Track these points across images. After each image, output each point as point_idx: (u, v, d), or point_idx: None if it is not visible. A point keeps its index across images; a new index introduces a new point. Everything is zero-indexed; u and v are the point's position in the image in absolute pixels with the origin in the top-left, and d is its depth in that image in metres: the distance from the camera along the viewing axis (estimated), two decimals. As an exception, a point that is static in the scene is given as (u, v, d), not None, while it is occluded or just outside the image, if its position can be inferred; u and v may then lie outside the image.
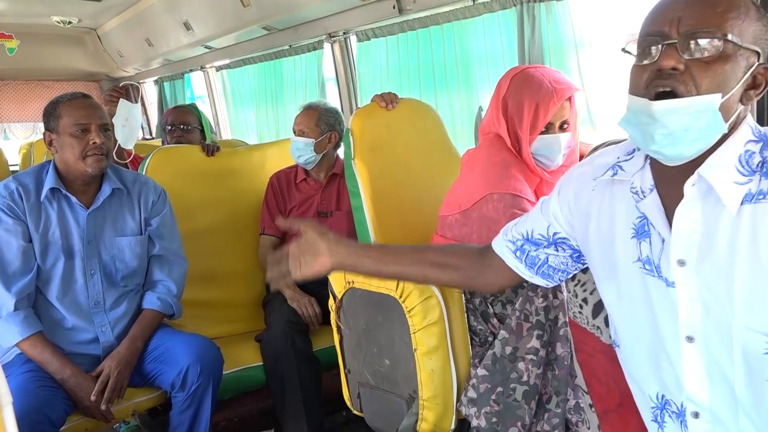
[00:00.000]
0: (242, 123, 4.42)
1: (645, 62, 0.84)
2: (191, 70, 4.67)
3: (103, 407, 1.75)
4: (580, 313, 1.36)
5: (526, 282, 1.23)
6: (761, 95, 0.85)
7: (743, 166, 0.84)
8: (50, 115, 1.86)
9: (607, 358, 1.27)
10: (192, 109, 2.99)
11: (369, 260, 1.23)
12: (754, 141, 0.86)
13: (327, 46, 3.17)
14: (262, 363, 2.16)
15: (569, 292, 1.42)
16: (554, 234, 1.12)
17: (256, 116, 4.22)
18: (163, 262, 2.04)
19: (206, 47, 3.99)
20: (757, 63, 0.83)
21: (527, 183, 1.62)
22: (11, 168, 4.42)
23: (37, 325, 1.77)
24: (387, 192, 1.93)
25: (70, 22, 4.43)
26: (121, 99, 2.50)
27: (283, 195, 2.53)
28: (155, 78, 5.28)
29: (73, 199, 1.87)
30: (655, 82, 0.83)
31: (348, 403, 1.87)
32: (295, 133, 2.47)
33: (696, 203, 0.87)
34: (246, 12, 3.14)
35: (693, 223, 0.88)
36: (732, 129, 0.86)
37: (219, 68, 4.39)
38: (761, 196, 0.83)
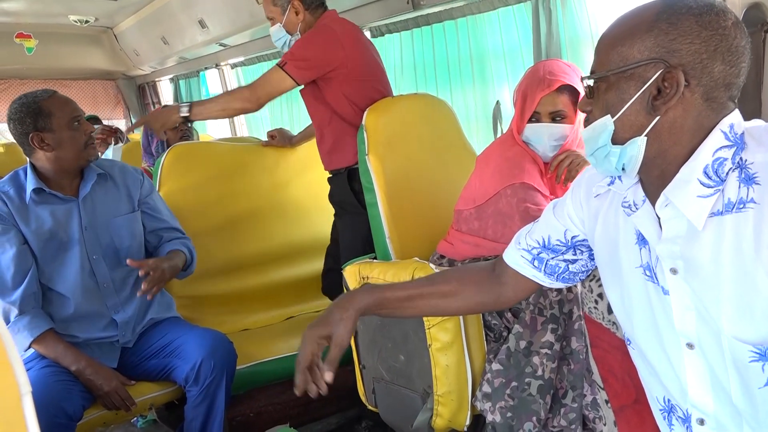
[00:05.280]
0: (258, 119, 4.44)
1: None
2: (206, 68, 4.70)
3: (144, 288, 1.79)
4: (595, 308, 1.35)
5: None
6: (671, 100, 0.83)
7: (709, 177, 0.83)
8: (37, 114, 1.79)
9: (622, 354, 1.26)
10: None
11: (385, 311, 1.19)
12: (727, 146, 0.83)
13: (341, 42, 3.16)
14: (276, 357, 2.17)
15: (584, 288, 1.41)
16: (572, 238, 1.10)
17: (270, 112, 4.24)
18: (173, 232, 2.08)
19: (221, 45, 4.01)
20: (658, 72, 0.83)
21: (541, 177, 1.61)
22: None
23: (44, 324, 1.78)
24: (401, 187, 1.93)
25: (87, 21, 4.48)
26: (112, 144, 2.74)
27: None
28: (171, 76, 5.32)
29: (59, 194, 1.87)
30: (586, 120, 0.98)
31: (363, 398, 1.87)
32: None
33: (677, 219, 0.87)
34: (260, 9, 3.13)
35: (677, 237, 0.87)
36: (700, 139, 0.85)
37: (234, 66, 4.41)
38: (741, 205, 0.81)
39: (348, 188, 2.18)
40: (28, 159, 1.89)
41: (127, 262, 1.84)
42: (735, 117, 0.85)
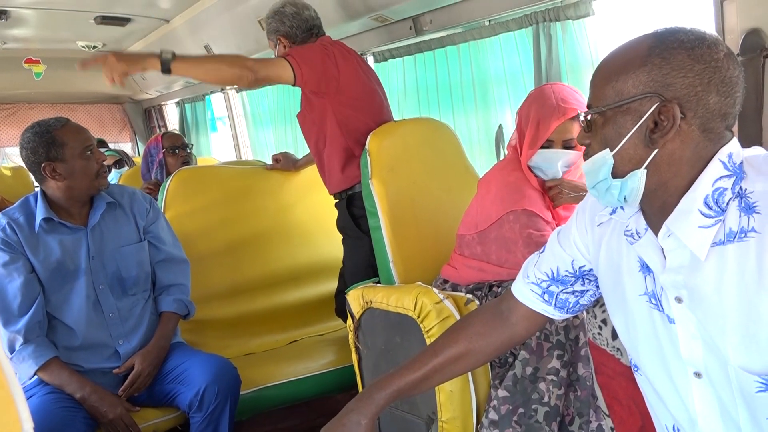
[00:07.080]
0: (262, 143, 4.47)
1: None
2: (212, 92, 4.74)
3: (125, 397, 1.83)
4: (599, 334, 1.34)
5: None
6: (669, 133, 0.84)
7: (709, 208, 0.83)
8: (50, 144, 1.81)
9: (628, 380, 1.25)
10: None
11: (404, 394, 1.18)
12: (726, 176, 0.83)
13: (345, 66, 3.19)
14: (280, 382, 2.16)
15: (588, 313, 1.40)
16: (580, 268, 1.10)
17: (275, 136, 4.26)
18: (170, 266, 2.08)
19: (226, 69, 4.05)
20: (654, 106, 0.84)
21: (542, 203, 1.61)
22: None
23: (49, 352, 1.79)
24: (405, 211, 1.93)
25: (95, 47, 4.52)
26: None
27: None
28: (177, 100, 5.36)
29: (68, 223, 1.88)
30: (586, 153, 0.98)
31: (366, 424, 1.85)
32: None
33: (680, 249, 0.87)
34: (264, 35, 3.19)
35: (680, 267, 0.87)
36: (699, 170, 0.85)
37: (239, 90, 4.45)
38: (743, 235, 0.81)
39: (347, 213, 2.20)
40: (38, 186, 1.91)
41: (113, 371, 1.89)
42: (733, 146, 0.86)
